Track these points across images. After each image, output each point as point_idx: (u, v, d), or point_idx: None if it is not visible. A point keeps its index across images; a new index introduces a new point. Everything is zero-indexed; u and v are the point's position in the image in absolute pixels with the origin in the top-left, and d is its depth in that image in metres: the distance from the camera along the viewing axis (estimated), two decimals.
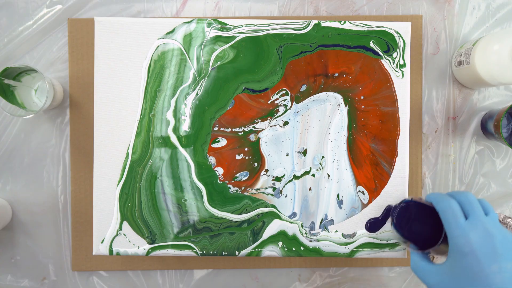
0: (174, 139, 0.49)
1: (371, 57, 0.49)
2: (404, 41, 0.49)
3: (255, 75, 0.49)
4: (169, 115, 0.49)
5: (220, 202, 0.49)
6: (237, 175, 0.49)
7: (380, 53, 0.49)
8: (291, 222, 0.49)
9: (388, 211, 0.49)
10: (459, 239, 0.39)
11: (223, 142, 0.49)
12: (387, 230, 0.49)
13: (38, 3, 0.57)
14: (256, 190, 0.49)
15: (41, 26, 0.57)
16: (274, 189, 0.49)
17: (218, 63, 0.49)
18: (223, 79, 0.49)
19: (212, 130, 0.49)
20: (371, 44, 0.49)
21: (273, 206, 0.49)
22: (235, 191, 0.49)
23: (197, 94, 0.49)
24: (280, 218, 0.49)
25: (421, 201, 0.44)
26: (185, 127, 0.49)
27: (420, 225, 0.44)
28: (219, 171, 0.49)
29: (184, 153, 0.49)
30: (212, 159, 0.49)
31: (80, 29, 0.56)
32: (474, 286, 0.38)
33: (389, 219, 0.48)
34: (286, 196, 0.49)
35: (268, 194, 0.49)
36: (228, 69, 0.49)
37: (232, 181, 0.49)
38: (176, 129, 0.49)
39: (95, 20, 0.49)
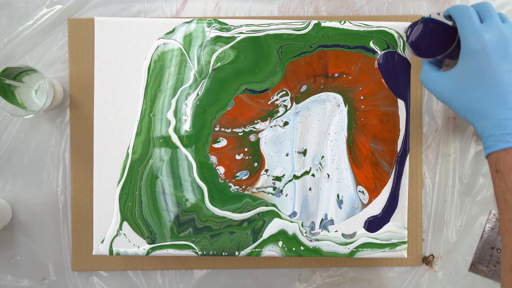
0: (175, 138, 0.49)
1: (371, 57, 0.49)
2: (404, 41, 0.49)
3: (256, 76, 0.49)
4: (170, 115, 0.49)
5: (221, 201, 0.49)
6: (238, 174, 0.49)
7: (380, 52, 0.49)
8: (291, 221, 0.49)
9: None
10: (472, 39, 0.38)
11: (223, 142, 0.49)
12: (388, 231, 0.49)
13: (38, 3, 0.57)
14: (256, 189, 0.49)
15: (41, 26, 0.57)
16: (274, 188, 0.49)
17: (219, 63, 0.49)
18: (224, 80, 0.49)
19: (213, 130, 0.49)
20: (371, 44, 0.49)
21: (273, 205, 0.49)
22: (235, 189, 0.49)
23: (197, 94, 0.49)
24: (280, 217, 0.49)
25: (439, 17, 0.43)
26: (186, 126, 0.49)
27: (435, 41, 0.43)
28: (220, 170, 0.49)
29: (185, 152, 0.49)
30: (213, 159, 0.49)
31: (80, 29, 0.56)
32: (482, 85, 0.38)
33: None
34: (286, 195, 0.49)
35: (268, 193, 0.49)
36: (229, 70, 0.49)
37: (233, 180, 0.49)
38: (177, 129, 0.49)
39: (95, 20, 0.49)
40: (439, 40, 0.43)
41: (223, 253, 0.49)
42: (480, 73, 0.38)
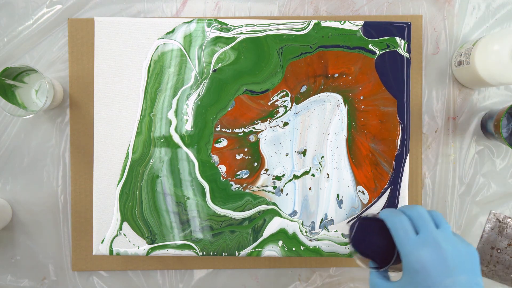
0: (176, 138, 0.49)
1: (371, 58, 0.49)
2: (405, 42, 0.49)
3: (256, 77, 0.49)
4: (171, 115, 0.49)
5: (222, 200, 0.49)
6: (238, 173, 0.49)
7: (378, 53, 0.49)
8: (291, 220, 0.49)
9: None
10: (410, 256, 0.37)
11: (224, 143, 0.49)
12: None
13: (38, 3, 0.57)
14: (257, 187, 0.49)
15: (41, 26, 0.57)
16: (274, 187, 0.49)
17: (219, 65, 0.49)
18: (224, 81, 0.49)
19: (214, 131, 0.49)
20: (370, 46, 0.49)
21: (274, 204, 0.49)
22: (237, 188, 0.49)
23: (199, 95, 0.49)
24: (280, 216, 0.49)
25: (376, 217, 0.43)
26: (187, 126, 0.49)
27: (375, 242, 0.42)
28: (222, 168, 0.49)
29: (187, 151, 0.49)
30: (215, 158, 0.49)
31: (80, 29, 0.56)
32: None
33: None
34: (286, 194, 0.49)
35: (269, 192, 0.49)
36: (229, 71, 0.49)
37: (234, 178, 0.49)
38: (178, 129, 0.49)
39: (95, 20, 0.49)
40: (379, 240, 0.42)
41: (223, 253, 0.49)
42: None
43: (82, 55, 0.56)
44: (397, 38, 0.49)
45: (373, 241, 0.42)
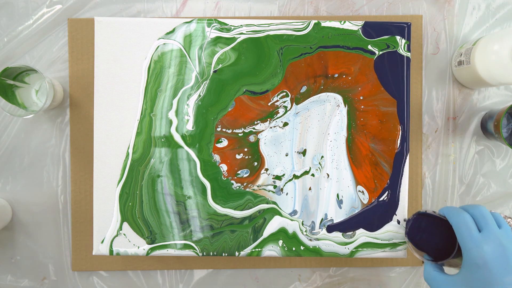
0: (178, 138, 0.49)
1: (370, 58, 0.49)
2: (405, 41, 0.49)
3: (256, 78, 0.49)
4: (172, 114, 0.49)
5: (223, 198, 0.49)
6: (239, 172, 0.49)
7: (378, 53, 0.49)
8: (291, 220, 0.49)
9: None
10: (473, 252, 0.39)
11: (225, 143, 0.49)
12: (388, 230, 0.49)
13: (38, 3, 0.57)
14: (257, 186, 0.49)
15: (41, 26, 0.57)
16: (275, 186, 0.49)
17: (220, 65, 0.49)
18: (224, 81, 0.49)
19: (215, 131, 0.49)
20: (369, 47, 0.49)
21: (274, 203, 0.49)
22: (237, 187, 0.49)
23: (199, 95, 0.49)
24: (280, 215, 0.49)
25: (434, 214, 0.45)
26: (189, 126, 0.49)
27: (433, 236, 0.45)
28: (223, 167, 0.49)
29: (189, 151, 0.49)
30: (216, 157, 0.49)
31: (80, 29, 0.56)
32: None
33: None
34: (287, 194, 0.49)
35: (269, 191, 0.49)
36: (229, 72, 0.49)
37: (235, 177, 0.49)
38: (179, 129, 0.49)
39: (95, 20, 0.49)
40: (436, 235, 0.45)
41: (223, 254, 0.49)
42: (484, 285, 0.38)
43: (82, 55, 0.56)
44: (398, 38, 0.49)
45: (430, 234, 0.45)
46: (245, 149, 0.49)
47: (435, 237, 0.45)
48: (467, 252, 0.40)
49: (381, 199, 0.49)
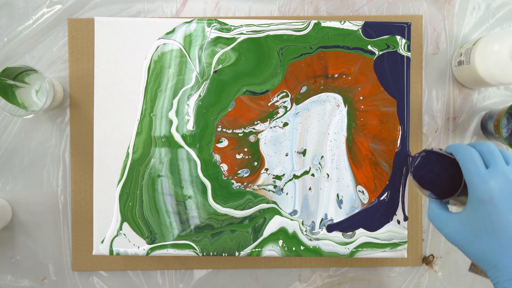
0: (178, 138, 0.49)
1: (370, 58, 0.49)
2: (405, 41, 0.49)
3: (256, 78, 0.49)
4: (172, 114, 0.49)
5: (223, 198, 0.49)
6: (239, 171, 0.49)
7: (377, 53, 0.49)
8: (291, 219, 0.49)
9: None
10: (479, 187, 0.38)
11: (225, 143, 0.49)
12: (388, 230, 0.49)
13: (38, 3, 0.57)
14: (257, 186, 0.49)
15: (41, 26, 0.57)
16: (275, 186, 0.49)
17: (220, 66, 0.49)
18: (225, 82, 0.49)
19: (216, 131, 0.49)
20: (369, 47, 0.49)
21: (274, 203, 0.49)
22: (238, 186, 0.49)
23: (200, 95, 0.49)
24: (281, 215, 0.49)
25: (441, 152, 0.44)
26: (189, 126, 0.49)
27: (439, 174, 0.43)
28: (224, 167, 0.49)
29: (189, 151, 0.49)
30: (217, 157, 0.49)
31: (80, 29, 0.56)
32: (492, 234, 0.37)
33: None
34: (287, 194, 0.49)
35: (269, 191, 0.49)
36: (230, 72, 0.49)
37: (235, 177, 0.49)
38: (180, 129, 0.49)
39: (95, 20, 0.49)
40: (442, 173, 0.44)
41: (223, 254, 0.49)
42: (489, 222, 0.38)
43: (82, 55, 0.56)
44: (398, 37, 0.49)
45: (436, 172, 0.43)
46: (245, 149, 0.49)
47: (441, 175, 0.43)
48: (473, 188, 0.38)
49: (381, 199, 0.49)
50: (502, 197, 0.37)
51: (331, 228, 0.49)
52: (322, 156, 0.49)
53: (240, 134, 0.49)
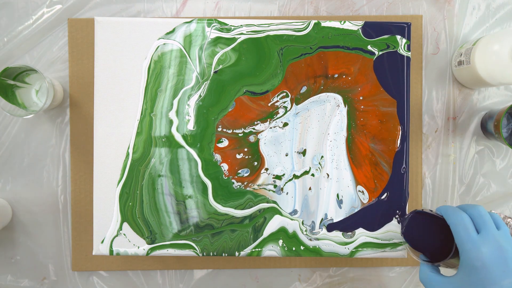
0: (178, 137, 0.49)
1: (369, 58, 0.49)
2: (406, 41, 0.49)
3: (256, 78, 0.49)
4: (172, 114, 0.49)
5: (224, 197, 0.49)
6: (239, 171, 0.49)
7: (377, 53, 0.49)
8: (291, 219, 0.49)
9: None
10: (471, 253, 0.38)
11: (225, 143, 0.49)
12: (389, 230, 0.49)
13: (38, 3, 0.57)
14: (258, 185, 0.49)
15: (41, 26, 0.57)
16: (275, 186, 0.49)
17: (220, 66, 0.49)
18: (225, 82, 0.49)
19: (216, 131, 0.49)
20: (369, 47, 0.49)
21: (274, 202, 0.49)
22: (238, 186, 0.49)
23: (200, 95, 0.49)
24: (281, 214, 0.49)
25: (432, 213, 0.44)
26: (190, 126, 0.49)
27: (429, 236, 0.44)
28: (224, 167, 0.49)
29: (190, 150, 0.49)
30: (217, 156, 0.49)
31: (80, 29, 0.56)
32: None
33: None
34: (287, 193, 0.49)
35: (269, 191, 0.49)
36: (230, 72, 0.49)
37: (236, 177, 0.49)
38: (180, 128, 0.49)
39: (95, 20, 0.49)
40: (433, 235, 0.44)
41: (223, 254, 0.49)
42: (482, 287, 0.38)
43: (82, 55, 0.56)
44: (398, 37, 0.49)
45: (427, 235, 0.44)
46: (245, 149, 0.49)
47: (431, 237, 0.44)
48: (464, 254, 0.39)
49: (381, 199, 0.49)
50: (494, 263, 0.37)
51: (331, 227, 0.49)
52: (322, 156, 0.49)
53: (240, 134, 0.49)
